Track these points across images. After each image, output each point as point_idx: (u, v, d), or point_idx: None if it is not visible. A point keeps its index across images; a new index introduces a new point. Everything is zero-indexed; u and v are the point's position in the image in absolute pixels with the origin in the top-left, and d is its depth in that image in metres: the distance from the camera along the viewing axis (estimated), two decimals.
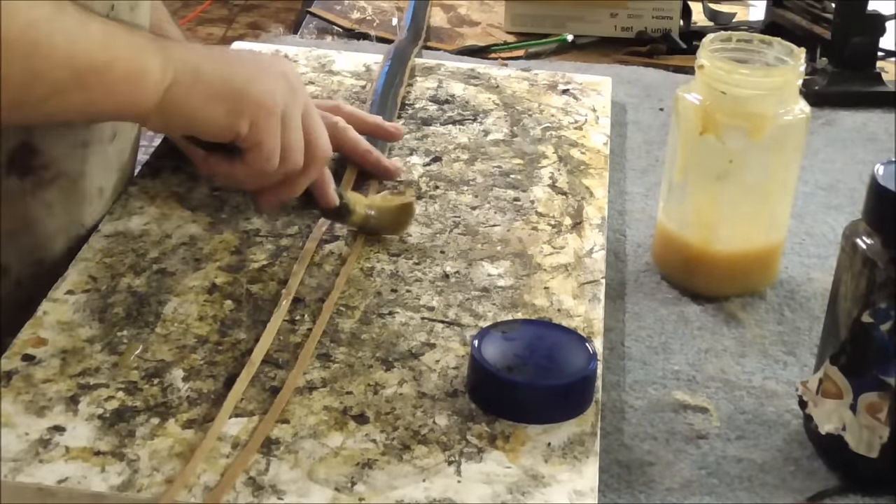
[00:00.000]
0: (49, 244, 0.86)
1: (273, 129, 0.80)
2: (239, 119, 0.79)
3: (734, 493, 0.73)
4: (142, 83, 0.76)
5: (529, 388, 0.72)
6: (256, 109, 0.79)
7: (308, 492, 0.66)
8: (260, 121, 0.80)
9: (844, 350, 0.72)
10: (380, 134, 1.00)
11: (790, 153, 0.89)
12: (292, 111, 0.82)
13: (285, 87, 0.82)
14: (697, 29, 1.41)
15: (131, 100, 0.77)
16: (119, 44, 0.76)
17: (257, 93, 0.80)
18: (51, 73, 0.72)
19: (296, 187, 0.86)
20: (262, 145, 0.81)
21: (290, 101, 0.82)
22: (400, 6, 1.43)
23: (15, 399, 0.71)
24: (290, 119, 0.82)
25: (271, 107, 0.80)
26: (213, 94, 0.79)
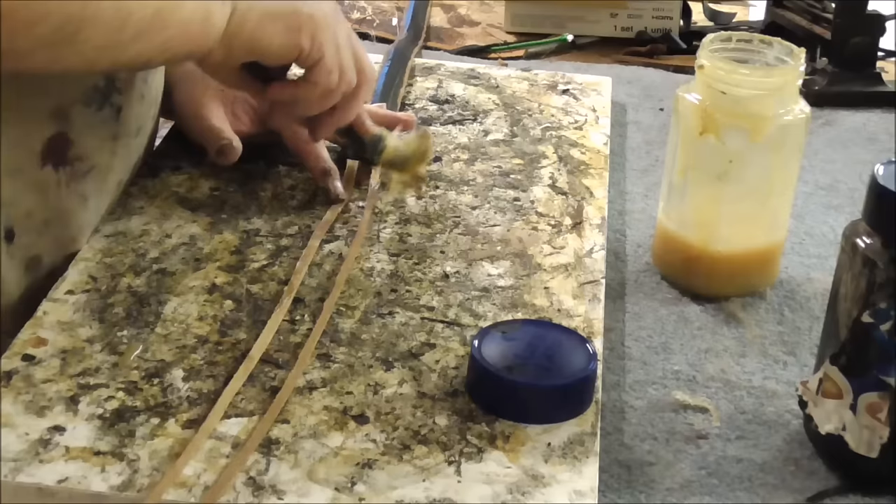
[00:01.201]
0: (81, 236, 0.87)
1: (331, 44, 0.83)
2: (299, 34, 0.81)
3: (734, 493, 0.73)
4: (210, 15, 0.78)
5: (529, 388, 0.72)
6: (313, 25, 0.81)
7: (308, 492, 0.66)
8: (318, 35, 0.82)
9: (844, 350, 0.72)
10: (393, 124, 0.99)
11: (790, 153, 0.89)
12: (340, 30, 0.84)
13: (330, 8, 0.84)
14: (697, 29, 1.41)
15: (203, 32, 0.78)
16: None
17: (310, 9, 0.81)
18: (137, 13, 0.73)
19: (350, 110, 0.88)
20: (324, 59, 0.83)
21: (338, 21, 0.84)
22: (400, 6, 1.43)
23: (15, 399, 0.71)
24: (340, 37, 0.84)
25: (325, 22, 0.82)
26: (271, 14, 0.80)
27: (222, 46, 0.80)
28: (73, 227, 0.86)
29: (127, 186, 0.93)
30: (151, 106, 0.95)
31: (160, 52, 0.78)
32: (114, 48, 0.74)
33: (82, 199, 0.87)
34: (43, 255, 0.84)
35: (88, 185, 0.87)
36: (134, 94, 0.91)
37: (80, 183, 0.86)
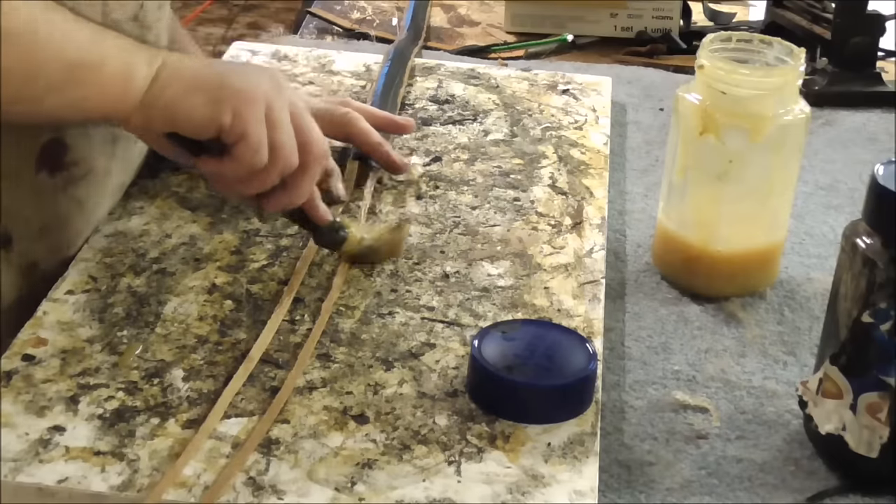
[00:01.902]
0: (78, 241, 0.87)
1: (257, 119, 0.77)
2: (220, 108, 0.77)
3: (734, 493, 0.73)
4: (131, 78, 0.76)
5: (529, 388, 0.72)
6: (237, 98, 0.77)
7: (308, 492, 0.66)
8: (242, 110, 0.77)
9: (844, 350, 0.72)
10: (391, 127, 1.00)
11: (790, 153, 0.89)
12: (278, 105, 0.79)
13: (269, 83, 0.79)
14: (697, 29, 1.41)
15: (121, 96, 0.76)
16: (109, 42, 0.76)
17: (237, 83, 0.77)
18: (49, 68, 0.73)
19: (298, 190, 0.82)
20: (248, 136, 0.77)
21: (274, 96, 0.79)
22: (400, 6, 1.43)
23: (15, 399, 0.71)
24: (275, 113, 0.78)
25: (252, 96, 0.77)
26: (193, 84, 0.77)
27: (141, 113, 0.77)
28: (70, 232, 0.86)
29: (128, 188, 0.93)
30: None
31: (76, 109, 0.77)
32: (27, 101, 0.73)
33: (79, 204, 0.86)
34: (40, 261, 0.84)
35: (85, 190, 0.87)
36: None
37: (76, 188, 0.86)
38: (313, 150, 0.81)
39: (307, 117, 0.82)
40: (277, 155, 0.79)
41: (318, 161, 0.82)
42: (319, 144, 0.82)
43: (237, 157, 0.78)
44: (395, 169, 0.97)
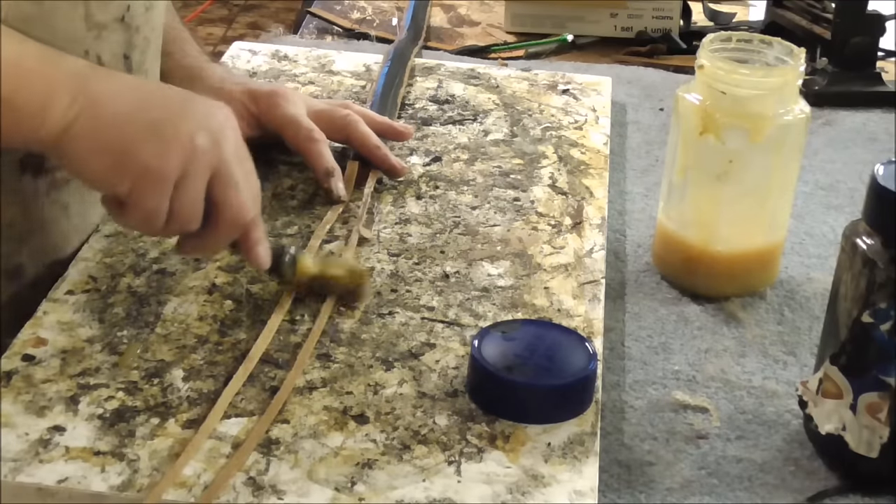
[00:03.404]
0: (64, 245, 0.86)
1: (153, 195, 0.73)
2: (118, 179, 0.73)
3: (734, 493, 0.73)
4: (42, 120, 0.71)
5: (529, 388, 0.72)
6: (141, 173, 0.72)
7: (308, 492, 0.66)
8: (141, 185, 0.72)
9: (844, 350, 0.72)
10: (390, 133, 1.00)
11: (790, 153, 0.89)
12: (194, 172, 0.73)
13: (194, 148, 0.73)
14: (697, 29, 1.41)
15: (34, 136, 0.72)
16: (29, 75, 0.72)
17: (148, 155, 0.72)
18: None
19: (205, 246, 0.78)
20: (138, 209, 0.73)
21: (195, 162, 0.73)
22: (400, 6, 1.43)
23: (15, 399, 0.71)
24: (187, 180, 0.73)
25: (159, 171, 0.72)
26: (102, 145, 0.72)
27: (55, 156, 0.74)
28: (56, 236, 0.85)
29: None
30: None
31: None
32: None
33: (63, 208, 0.85)
34: (25, 264, 0.83)
35: (70, 194, 0.85)
36: None
37: (61, 192, 0.85)
38: (226, 215, 0.76)
39: (235, 177, 0.75)
40: (173, 219, 0.74)
41: (229, 226, 0.76)
42: (237, 210, 0.76)
43: (131, 216, 0.75)
44: (394, 172, 0.97)
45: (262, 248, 0.79)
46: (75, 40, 0.80)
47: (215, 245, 0.78)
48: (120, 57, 0.85)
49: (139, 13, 0.86)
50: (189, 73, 0.98)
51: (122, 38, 0.84)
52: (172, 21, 0.99)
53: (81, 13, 0.80)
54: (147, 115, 0.74)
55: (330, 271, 0.82)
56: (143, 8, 0.86)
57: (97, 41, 0.82)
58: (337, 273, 0.82)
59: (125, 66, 0.85)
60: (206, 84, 0.97)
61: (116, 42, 0.84)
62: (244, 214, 0.76)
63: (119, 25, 0.84)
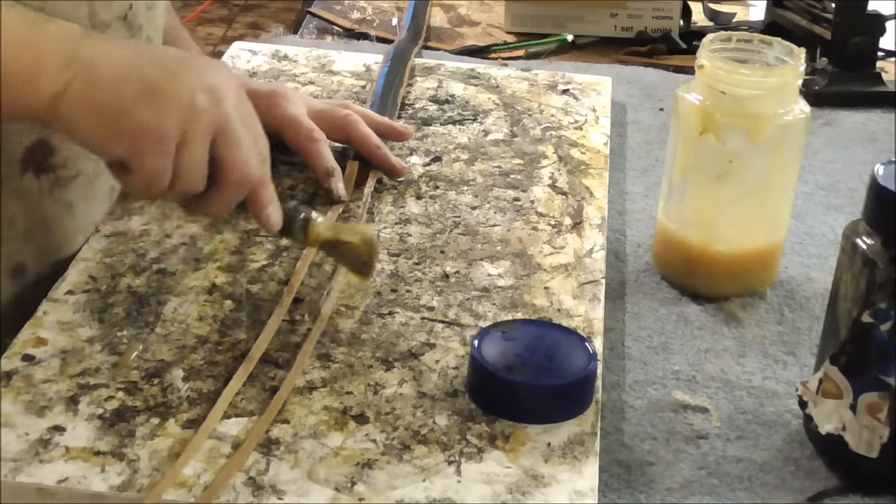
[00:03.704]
0: (67, 244, 0.86)
1: (155, 156, 0.72)
2: (116, 142, 0.72)
3: (734, 493, 0.73)
4: (36, 86, 0.71)
5: (529, 388, 0.72)
6: (138, 134, 0.71)
7: (308, 492, 0.66)
8: (140, 146, 0.71)
9: (844, 350, 0.72)
10: (390, 133, 1.00)
11: (790, 153, 0.89)
12: (195, 132, 0.72)
13: (193, 108, 0.72)
14: (697, 29, 1.41)
15: (26, 101, 0.71)
16: (17, 41, 0.71)
17: (145, 115, 0.71)
18: None
19: (212, 207, 0.77)
20: (140, 171, 0.73)
21: (195, 121, 0.72)
22: (400, 6, 1.43)
23: (15, 399, 0.71)
24: (189, 140, 0.72)
25: (157, 131, 0.71)
26: (97, 108, 0.71)
27: (51, 122, 0.72)
28: (59, 235, 0.85)
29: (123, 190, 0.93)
30: None
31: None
32: None
33: (67, 207, 0.86)
34: (28, 262, 0.83)
35: (74, 192, 0.86)
36: None
37: (64, 190, 0.85)
38: (232, 175, 0.75)
39: (238, 136, 0.75)
40: (177, 182, 0.74)
41: (235, 185, 0.76)
42: (242, 169, 0.75)
43: (135, 180, 0.74)
44: (394, 172, 0.97)
45: (271, 209, 0.78)
46: None
47: (222, 206, 0.77)
48: None
49: (141, 12, 0.86)
50: None
51: (124, 36, 0.84)
52: (172, 21, 0.99)
53: (85, 12, 0.80)
54: (142, 76, 0.72)
55: (343, 237, 0.80)
56: (146, 7, 0.86)
57: None
58: (350, 240, 0.80)
59: None
60: None
61: None
62: (249, 174, 0.75)
63: (122, 24, 0.84)
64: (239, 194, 0.77)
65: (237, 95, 0.76)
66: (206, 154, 0.73)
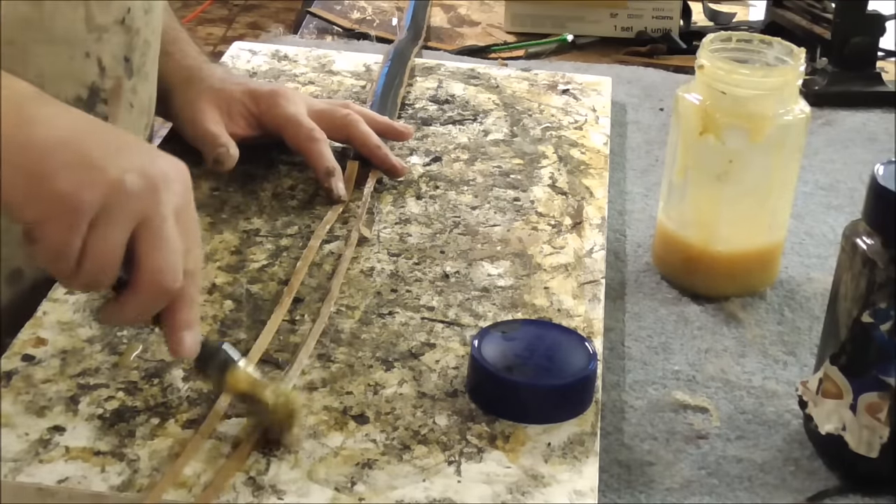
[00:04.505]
0: None
1: (63, 229, 0.64)
2: (28, 205, 0.64)
3: (734, 493, 0.73)
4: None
5: (529, 388, 0.72)
6: (53, 200, 0.64)
7: (308, 492, 0.66)
8: (48, 213, 0.64)
9: (844, 350, 0.72)
10: (390, 133, 1.00)
11: (790, 153, 0.89)
12: (114, 214, 0.64)
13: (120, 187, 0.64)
14: (697, 29, 1.41)
15: None
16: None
17: (64, 182, 0.64)
18: None
19: (122, 310, 0.67)
20: (45, 241, 0.65)
21: (118, 203, 0.64)
22: (400, 6, 1.43)
23: (15, 399, 0.71)
24: (105, 221, 0.64)
25: (70, 200, 0.63)
26: (21, 167, 0.64)
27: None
28: None
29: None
30: (142, 115, 0.91)
31: None
32: None
33: None
34: (24, 267, 0.83)
35: None
36: (122, 104, 0.87)
37: None
38: (144, 276, 0.66)
39: (167, 238, 0.66)
40: (84, 265, 0.65)
41: (149, 289, 0.66)
42: (159, 273, 0.66)
43: (37, 251, 0.66)
44: (394, 172, 0.97)
45: (188, 333, 0.68)
46: (75, 42, 0.80)
47: (133, 312, 0.67)
48: (120, 59, 0.85)
49: (139, 15, 0.85)
50: (189, 74, 0.98)
51: (122, 40, 0.84)
52: (170, 21, 0.99)
53: (82, 15, 0.80)
54: (78, 145, 0.65)
55: (260, 394, 0.69)
56: (143, 10, 0.86)
57: (98, 43, 0.82)
58: (266, 399, 0.68)
59: (125, 69, 0.85)
60: (206, 84, 0.97)
61: (117, 44, 0.84)
62: (166, 281, 0.66)
63: (120, 28, 0.84)
64: (153, 302, 0.67)
65: (182, 196, 0.67)
66: (122, 242, 0.65)
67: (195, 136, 0.95)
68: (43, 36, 0.77)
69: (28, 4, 0.76)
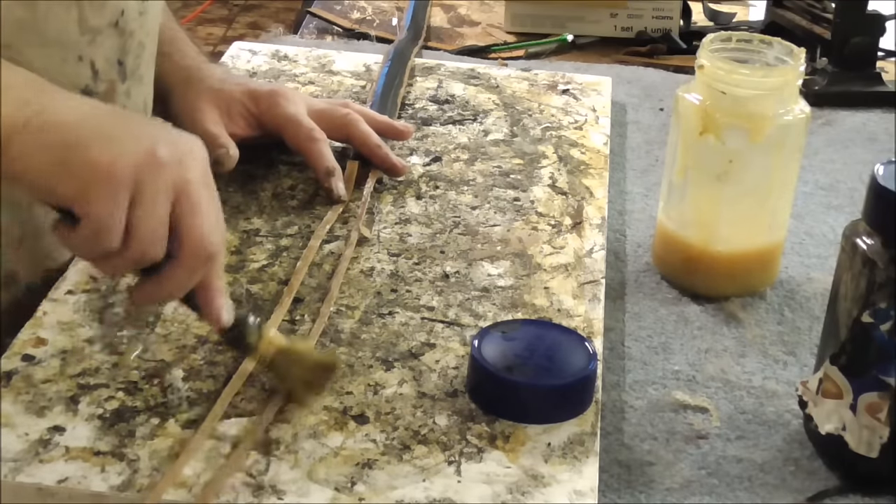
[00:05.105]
0: (58, 252, 0.84)
1: (106, 199, 0.65)
2: (62, 181, 0.65)
3: (734, 493, 0.73)
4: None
5: (529, 388, 0.72)
6: (87, 172, 0.64)
7: (308, 492, 0.66)
8: (88, 186, 0.65)
9: (844, 350, 0.72)
10: (390, 132, 1.00)
11: (790, 153, 0.89)
12: (153, 184, 0.65)
13: (153, 158, 0.65)
14: (697, 29, 1.41)
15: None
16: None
17: (98, 153, 0.64)
18: None
19: (165, 286, 0.69)
20: (90, 216, 0.65)
21: (153, 173, 0.65)
22: (400, 6, 1.43)
23: (15, 399, 0.71)
24: (145, 193, 0.65)
25: (110, 172, 0.64)
26: (51, 145, 0.65)
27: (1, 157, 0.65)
28: (49, 244, 0.83)
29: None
30: None
31: None
32: None
33: None
34: (19, 271, 0.83)
35: None
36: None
37: None
38: (192, 245, 0.67)
39: (203, 205, 0.68)
40: (131, 241, 0.66)
41: (194, 257, 0.68)
42: (203, 241, 0.67)
43: (81, 232, 0.67)
44: (394, 171, 0.97)
45: (224, 300, 0.70)
46: (68, 45, 0.80)
47: (176, 283, 0.69)
48: (114, 62, 0.84)
49: (133, 17, 0.85)
50: (188, 74, 0.98)
51: (115, 43, 0.84)
52: (168, 21, 0.99)
53: (75, 17, 0.80)
54: (101, 121, 0.67)
55: (299, 346, 0.72)
56: (137, 12, 0.86)
57: (91, 46, 0.81)
58: (307, 350, 0.72)
59: (119, 72, 0.85)
60: (205, 84, 0.97)
61: (110, 47, 0.83)
62: (211, 246, 0.68)
63: (113, 31, 0.83)
64: (197, 270, 0.68)
65: (205, 168, 0.69)
66: (167, 213, 0.66)
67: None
68: (36, 39, 0.76)
69: (22, 7, 0.76)
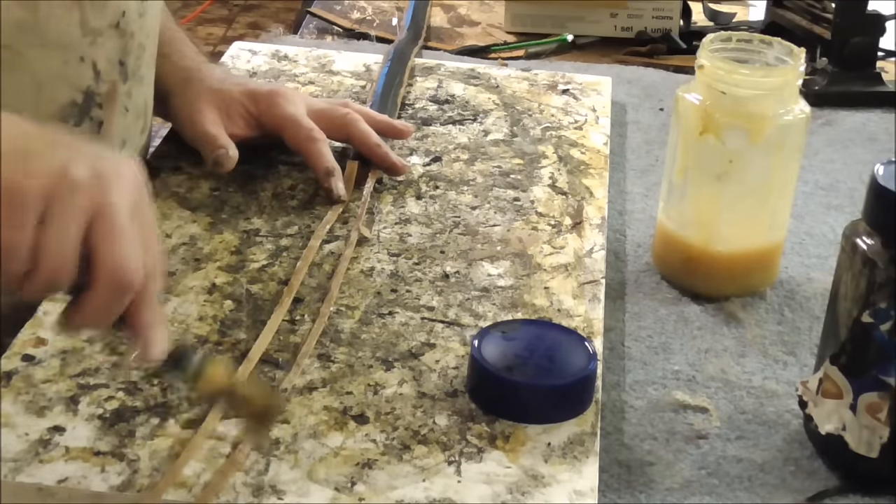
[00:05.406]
0: None
1: (8, 219, 0.60)
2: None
3: (734, 493, 0.73)
4: None
5: (529, 388, 0.72)
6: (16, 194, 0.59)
7: (308, 492, 0.66)
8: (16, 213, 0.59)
9: (844, 350, 0.72)
10: (390, 132, 1.00)
11: (790, 153, 0.89)
12: (63, 205, 0.60)
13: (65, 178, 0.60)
14: (697, 29, 1.41)
15: None
16: None
17: (8, 171, 0.60)
18: None
19: (82, 314, 0.63)
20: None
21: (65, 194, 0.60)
22: (400, 6, 1.43)
23: (15, 399, 0.71)
24: (54, 214, 0.60)
25: (12, 190, 0.59)
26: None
27: None
28: None
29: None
30: (138, 118, 0.91)
31: None
32: None
33: None
34: None
35: None
36: (116, 108, 0.87)
37: None
38: (104, 272, 0.61)
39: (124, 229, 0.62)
40: (38, 264, 0.61)
41: (108, 286, 0.61)
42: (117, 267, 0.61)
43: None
44: (394, 170, 0.97)
45: (156, 332, 0.64)
46: (70, 46, 0.80)
47: (95, 314, 0.62)
48: (115, 63, 0.84)
49: (133, 18, 0.85)
50: (187, 75, 0.98)
51: (117, 44, 0.84)
52: (167, 22, 0.99)
53: (77, 18, 0.80)
54: (19, 141, 0.62)
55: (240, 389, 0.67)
56: (138, 13, 0.86)
57: (92, 47, 0.82)
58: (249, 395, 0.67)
59: (120, 73, 0.85)
60: (205, 85, 0.97)
61: (112, 48, 0.84)
62: (128, 275, 0.61)
63: (114, 32, 0.83)
64: (114, 301, 0.62)
65: (134, 193, 0.63)
66: (76, 237, 0.61)
67: (194, 137, 0.95)
68: (37, 40, 0.76)
69: (23, 8, 0.76)
